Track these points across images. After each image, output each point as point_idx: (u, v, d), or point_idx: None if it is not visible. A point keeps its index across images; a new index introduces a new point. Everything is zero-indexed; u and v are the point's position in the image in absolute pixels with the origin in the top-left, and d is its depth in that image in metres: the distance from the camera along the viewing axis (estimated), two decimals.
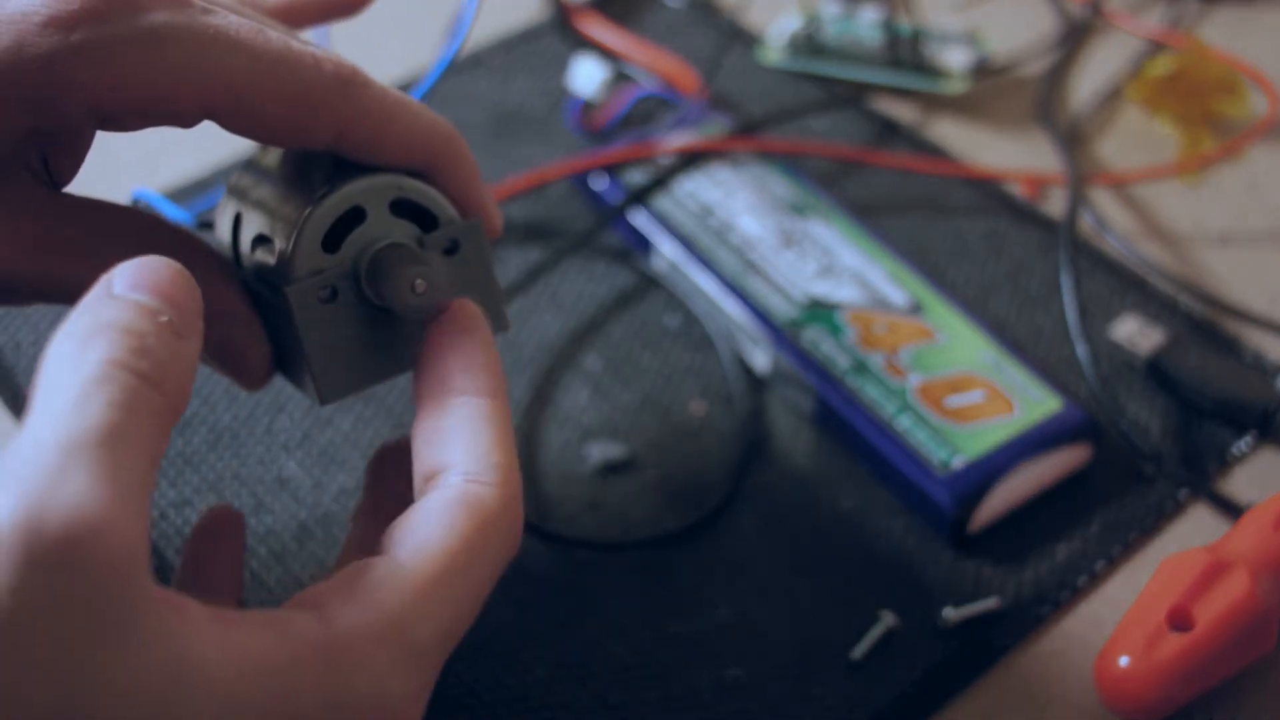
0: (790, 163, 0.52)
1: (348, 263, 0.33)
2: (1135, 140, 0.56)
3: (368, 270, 0.33)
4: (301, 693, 0.26)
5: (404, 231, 0.34)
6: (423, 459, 0.32)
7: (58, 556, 0.23)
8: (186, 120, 0.31)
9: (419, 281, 0.33)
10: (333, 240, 0.33)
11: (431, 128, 0.34)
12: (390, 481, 0.36)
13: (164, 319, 0.27)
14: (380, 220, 0.33)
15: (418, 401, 0.33)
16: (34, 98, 0.30)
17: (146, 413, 0.26)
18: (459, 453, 0.31)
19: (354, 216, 0.33)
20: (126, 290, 0.27)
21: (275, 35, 0.32)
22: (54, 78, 0.30)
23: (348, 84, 0.32)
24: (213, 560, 0.36)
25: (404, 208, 0.34)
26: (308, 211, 0.33)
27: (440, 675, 0.30)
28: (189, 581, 0.35)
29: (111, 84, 0.30)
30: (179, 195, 0.52)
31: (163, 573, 0.40)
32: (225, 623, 0.26)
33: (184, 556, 0.36)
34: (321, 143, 0.33)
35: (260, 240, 0.34)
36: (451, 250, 0.34)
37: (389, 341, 0.34)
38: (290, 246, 0.33)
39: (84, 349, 0.26)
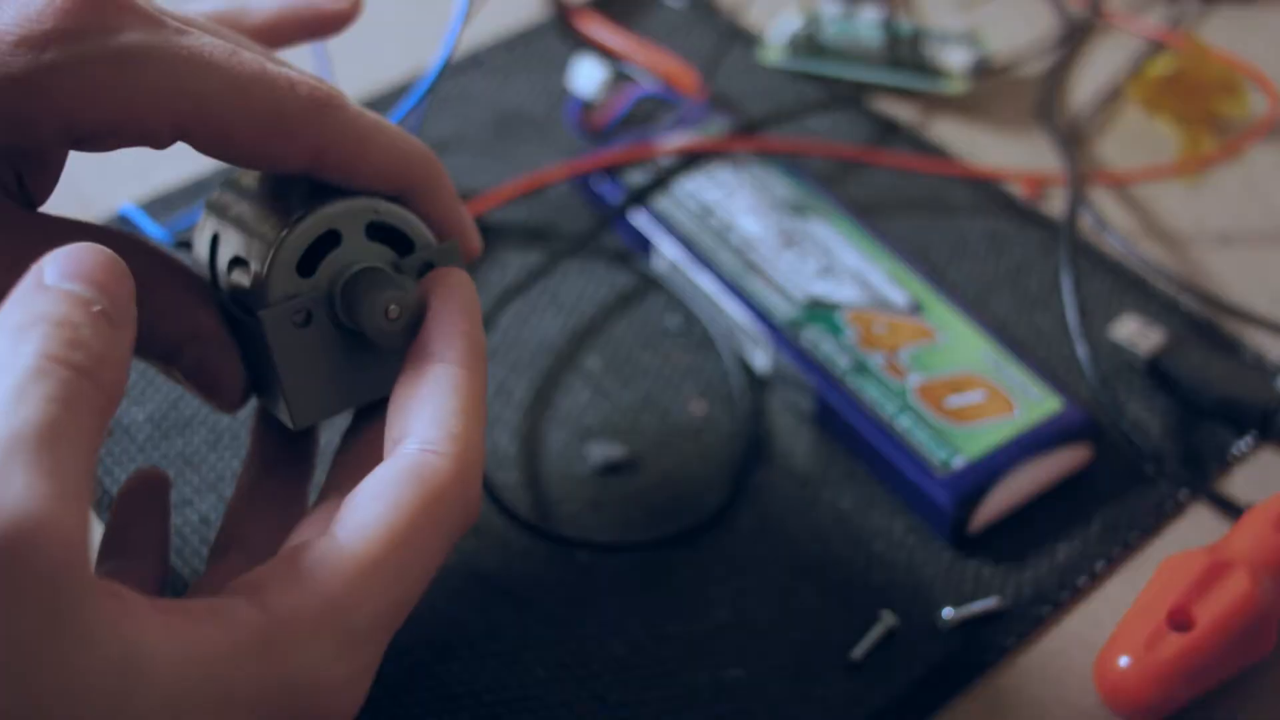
0: (790, 162, 0.52)
1: (323, 286, 0.33)
2: (1135, 140, 0.56)
3: (342, 295, 0.33)
4: (243, 680, 0.27)
5: (379, 255, 0.34)
6: (390, 425, 0.31)
7: (2, 557, 0.23)
8: (160, 141, 0.31)
9: (392, 307, 0.32)
10: (308, 264, 0.33)
11: (408, 150, 0.34)
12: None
13: (97, 308, 0.27)
14: (355, 244, 0.33)
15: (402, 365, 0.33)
16: (6, 117, 0.30)
17: (84, 406, 0.25)
18: (420, 421, 0.31)
19: (329, 240, 0.33)
20: (58, 280, 0.27)
21: (250, 57, 0.31)
22: (26, 97, 0.29)
23: (323, 106, 0.32)
24: (139, 525, 0.35)
25: (380, 231, 0.34)
26: (282, 235, 0.32)
27: (440, 675, 0.30)
28: (114, 549, 0.34)
29: (84, 104, 0.30)
30: (170, 201, 0.52)
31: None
32: (168, 613, 0.26)
33: (108, 524, 0.35)
34: (296, 167, 0.32)
35: (237, 262, 0.34)
36: (428, 271, 0.34)
37: (365, 365, 0.34)
38: (265, 270, 0.32)
39: (17, 343, 0.26)
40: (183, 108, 0.30)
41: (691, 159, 0.51)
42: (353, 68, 0.53)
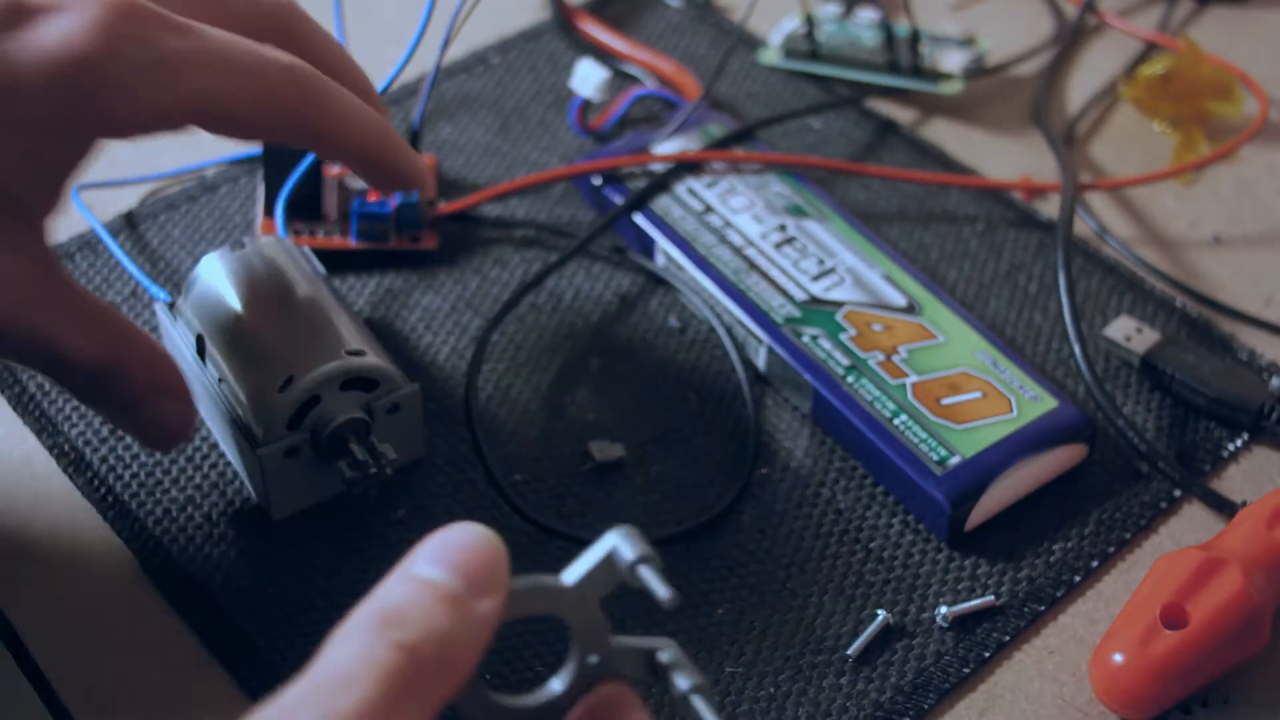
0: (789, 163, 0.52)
1: (307, 430, 0.40)
2: (1130, 141, 0.56)
3: (327, 441, 0.40)
4: None
5: (353, 400, 0.40)
6: None
7: None
8: (176, 129, 0.35)
9: (363, 458, 0.40)
10: (296, 420, 0.40)
11: (374, 126, 0.38)
12: None
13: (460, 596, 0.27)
14: (332, 399, 0.40)
15: None
16: (55, 122, 0.32)
17: (412, 695, 0.25)
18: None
19: (311, 400, 0.39)
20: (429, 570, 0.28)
21: (249, 45, 0.35)
22: (74, 103, 0.32)
23: (309, 89, 0.36)
24: None
25: (351, 382, 0.40)
26: (272, 403, 0.39)
27: None
28: None
29: (124, 107, 0.33)
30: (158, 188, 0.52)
31: (152, 562, 0.41)
32: None
33: None
34: (285, 139, 0.37)
35: (225, 384, 0.40)
36: (393, 410, 0.41)
37: (330, 473, 0.41)
38: (261, 431, 0.39)
39: (369, 627, 0.26)
40: (202, 102, 0.34)
41: (691, 165, 0.51)
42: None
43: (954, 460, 0.42)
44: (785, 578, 0.41)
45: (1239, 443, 0.45)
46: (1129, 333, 0.47)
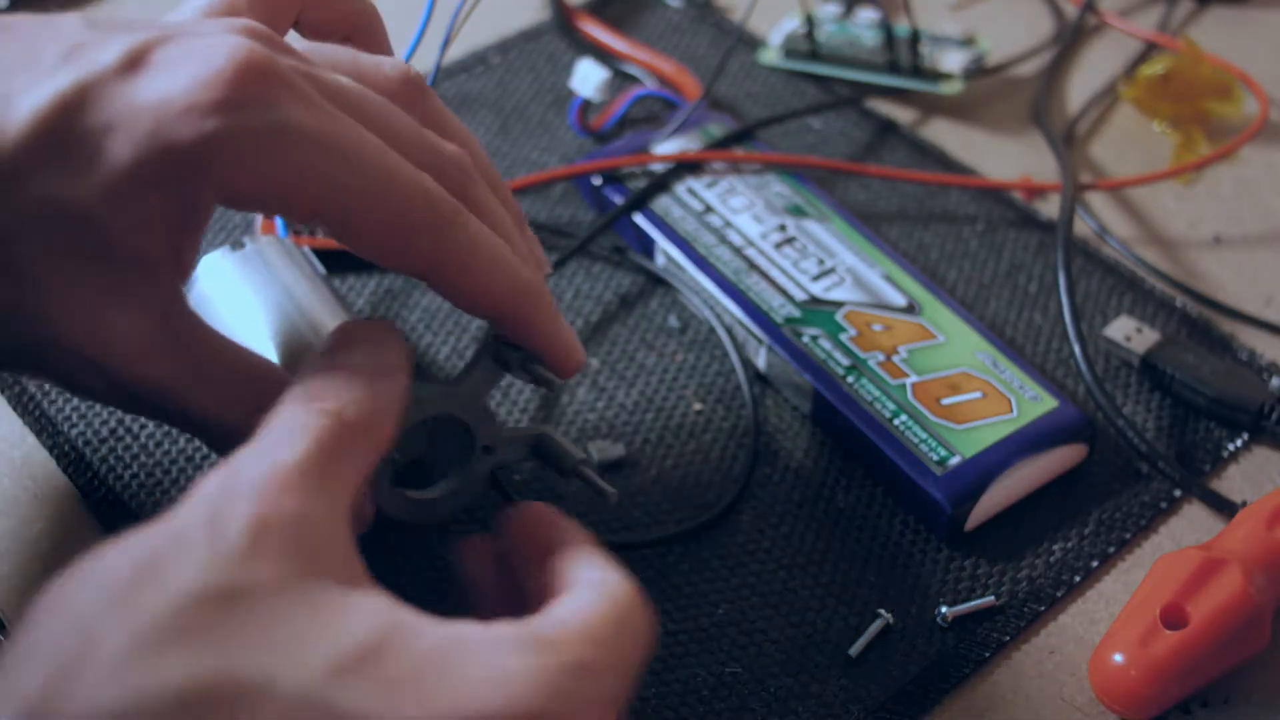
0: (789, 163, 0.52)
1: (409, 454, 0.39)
2: (1130, 141, 0.56)
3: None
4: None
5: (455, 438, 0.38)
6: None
7: None
8: (297, 219, 0.33)
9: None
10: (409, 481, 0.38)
11: (515, 283, 0.35)
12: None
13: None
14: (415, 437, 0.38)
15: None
16: (170, 180, 0.31)
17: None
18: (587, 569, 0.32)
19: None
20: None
21: (392, 159, 0.33)
22: (190, 162, 0.31)
23: (447, 225, 0.33)
24: None
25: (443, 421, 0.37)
26: (384, 466, 0.37)
27: None
28: None
29: (239, 173, 0.31)
30: None
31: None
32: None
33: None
34: (410, 273, 0.34)
35: None
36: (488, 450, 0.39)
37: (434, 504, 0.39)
38: (381, 494, 0.37)
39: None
40: (321, 195, 0.32)
41: (691, 165, 0.51)
42: None
43: (954, 460, 0.42)
44: (785, 578, 0.41)
45: (1239, 443, 0.45)
46: (1129, 333, 0.47)
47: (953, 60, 0.56)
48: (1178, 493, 0.44)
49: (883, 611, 0.40)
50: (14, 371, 0.38)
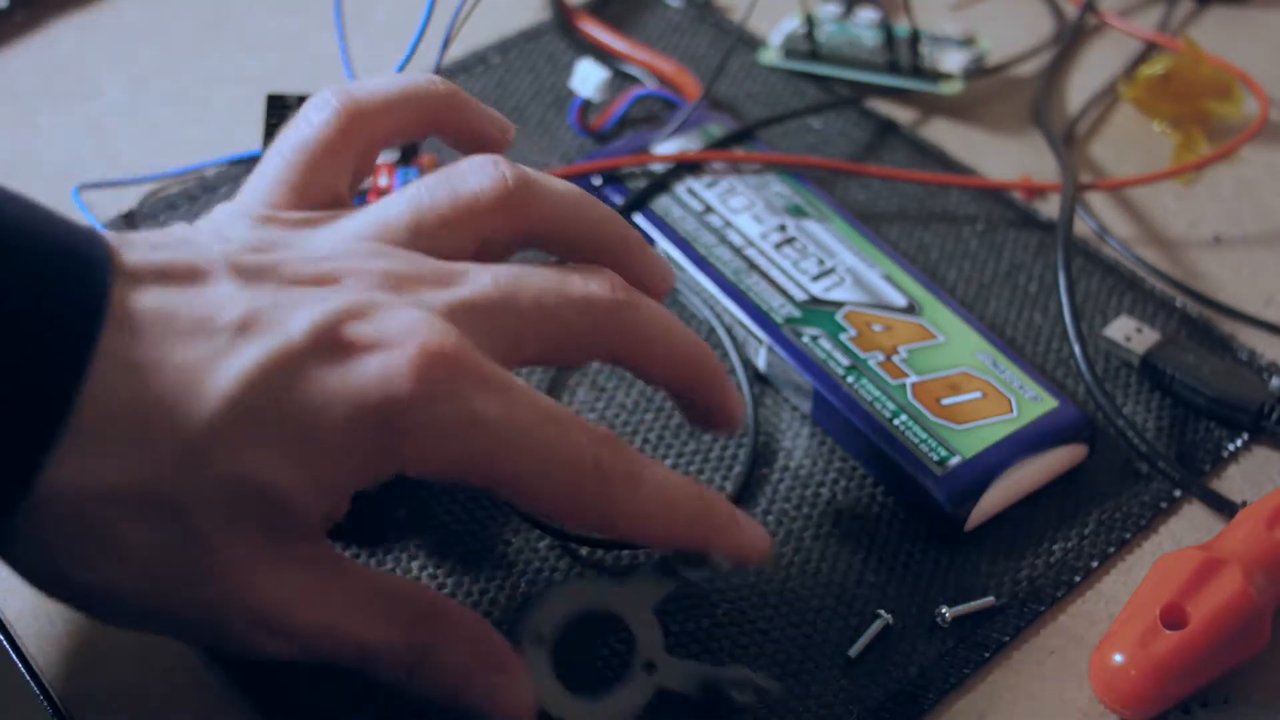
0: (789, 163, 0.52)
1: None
2: (1130, 141, 0.56)
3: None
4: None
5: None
6: None
7: None
8: (471, 487, 0.36)
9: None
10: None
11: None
12: None
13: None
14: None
15: None
16: (369, 471, 0.32)
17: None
18: None
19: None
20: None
21: (567, 431, 0.34)
22: (388, 453, 0.32)
23: (620, 485, 0.35)
24: None
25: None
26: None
27: None
28: None
29: (428, 460, 0.32)
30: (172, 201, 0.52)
31: None
32: None
33: None
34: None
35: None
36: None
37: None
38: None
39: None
40: (498, 477, 0.33)
41: (691, 165, 0.51)
42: (355, 69, 0.53)
43: (954, 460, 0.42)
44: (785, 578, 0.41)
45: (1239, 443, 0.45)
46: (1129, 333, 0.47)
47: (953, 60, 0.56)
48: (1178, 493, 0.44)
49: (882, 612, 0.40)
50: (196, 643, 0.38)
